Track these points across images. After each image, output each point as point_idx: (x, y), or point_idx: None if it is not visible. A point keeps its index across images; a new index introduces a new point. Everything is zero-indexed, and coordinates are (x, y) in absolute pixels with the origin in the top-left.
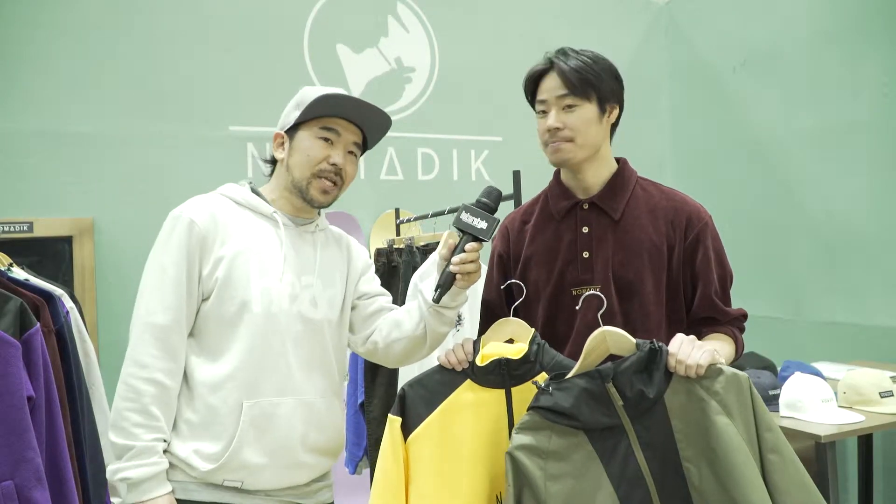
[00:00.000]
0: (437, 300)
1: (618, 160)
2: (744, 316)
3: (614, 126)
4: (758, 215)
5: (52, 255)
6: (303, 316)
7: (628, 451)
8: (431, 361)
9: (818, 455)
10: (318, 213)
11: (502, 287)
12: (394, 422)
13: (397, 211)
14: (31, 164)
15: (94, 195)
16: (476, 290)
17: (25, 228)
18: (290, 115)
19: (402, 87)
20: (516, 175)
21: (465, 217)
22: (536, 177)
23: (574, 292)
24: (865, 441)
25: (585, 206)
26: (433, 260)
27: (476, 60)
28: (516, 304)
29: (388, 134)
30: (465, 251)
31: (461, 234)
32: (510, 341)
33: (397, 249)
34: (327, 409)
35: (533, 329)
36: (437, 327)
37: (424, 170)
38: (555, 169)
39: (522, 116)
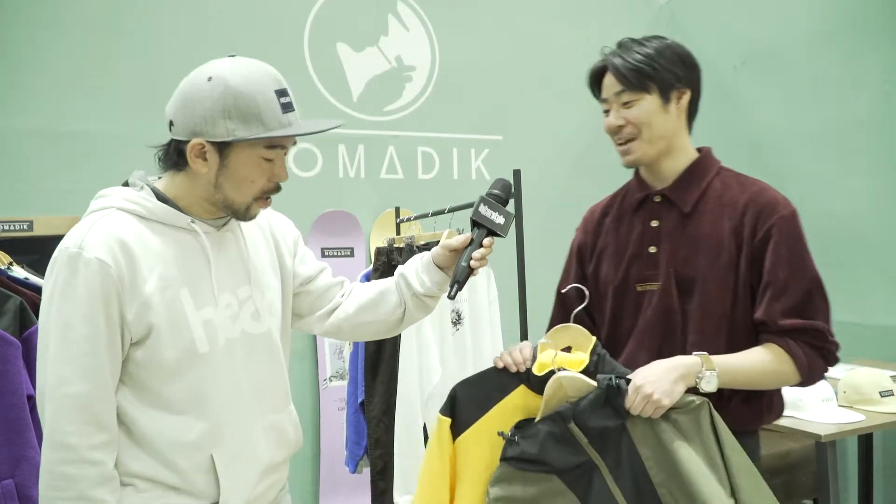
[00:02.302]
0: (452, 296)
1: (700, 150)
2: (814, 329)
3: (693, 112)
4: None
5: (52, 253)
6: (247, 334)
7: (602, 485)
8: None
9: (818, 454)
10: None
11: (567, 289)
12: (443, 422)
13: (397, 210)
14: (30, 163)
15: (93, 194)
16: (476, 289)
17: (25, 227)
18: (217, 124)
19: (403, 85)
20: (516, 174)
21: (484, 210)
22: (536, 176)
23: (638, 289)
24: (866, 440)
25: (657, 199)
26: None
27: (476, 59)
28: (577, 310)
29: (389, 133)
30: (483, 246)
31: (476, 227)
32: (568, 349)
33: (397, 248)
34: (288, 417)
35: (594, 338)
36: (417, 314)
37: (424, 169)
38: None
39: (522, 115)
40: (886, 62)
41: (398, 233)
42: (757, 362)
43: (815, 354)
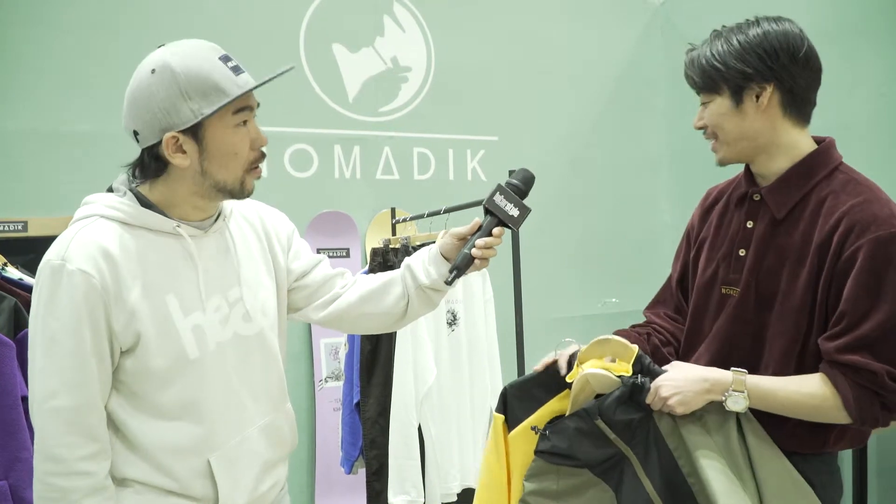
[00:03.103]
0: (450, 282)
1: (819, 143)
2: (868, 371)
3: (798, 102)
4: None
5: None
6: (239, 336)
7: (633, 476)
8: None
9: None
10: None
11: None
12: (497, 419)
13: (393, 210)
14: (25, 163)
15: (86, 194)
16: (471, 290)
17: (20, 228)
18: (180, 110)
19: (399, 86)
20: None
21: (499, 200)
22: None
23: (723, 291)
24: None
25: (756, 198)
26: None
27: (472, 60)
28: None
29: (385, 133)
30: (491, 235)
31: (488, 215)
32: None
33: (393, 249)
34: (284, 416)
35: (635, 347)
36: (420, 308)
37: (420, 169)
38: None
39: (518, 116)
40: (883, 64)
41: (394, 233)
42: (797, 392)
43: (870, 397)
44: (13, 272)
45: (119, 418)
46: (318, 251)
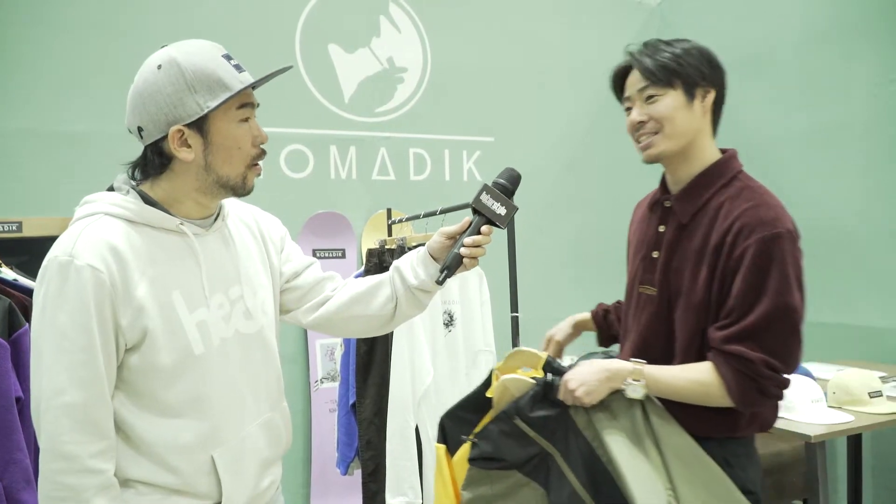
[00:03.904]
0: (441, 282)
1: (723, 153)
2: (746, 360)
3: (717, 114)
4: None
5: (41, 254)
6: (240, 334)
7: (558, 471)
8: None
9: (808, 455)
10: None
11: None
12: (439, 449)
13: (389, 211)
14: (20, 164)
15: (83, 195)
16: (468, 291)
17: (14, 228)
18: (186, 103)
19: (394, 87)
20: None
21: (486, 199)
22: (528, 178)
23: (640, 290)
24: (855, 441)
25: (668, 204)
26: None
27: (468, 61)
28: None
29: (381, 134)
30: (480, 233)
31: (476, 215)
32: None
33: (389, 250)
34: (281, 414)
35: (545, 354)
36: (409, 310)
37: (416, 170)
38: None
39: (514, 117)
40: (876, 64)
41: (390, 234)
42: (687, 380)
43: (749, 384)
44: (8, 273)
45: (121, 417)
46: (314, 252)
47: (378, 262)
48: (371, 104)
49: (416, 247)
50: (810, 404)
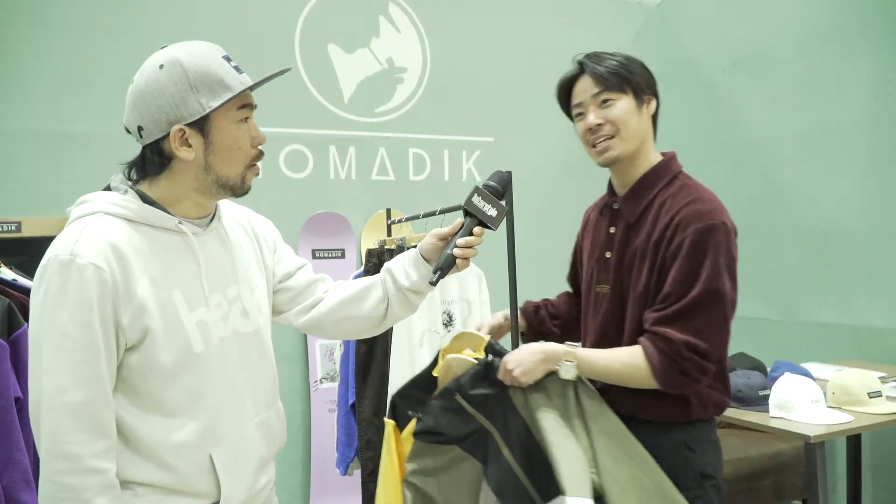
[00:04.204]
0: (434, 283)
1: (664, 155)
2: (669, 340)
3: (655, 122)
4: (747, 216)
5: (41, 255)
6: (238, 333)
7: (496, 448)
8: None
9: (807, 455)
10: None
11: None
12: (388, 425)
13: (388, 211)
14: (19, 164)
15: (83, 195)
16: (467, 291)
17: (13, 228)
18: (188, 103)
19: (394, 87)
20: (507, 176)
21: (477, 201)
22: (528, 177)
23: (596, 290)
24: (854, 441)
25: (616, 206)
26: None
27: (468, 61)
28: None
29: (380, 134)
30: (472, 234)
31: (467, 216)
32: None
33: (388, 250)
34: (276, 413)
35: (487, 337)
36: (400, 311)
37: (416, 170)
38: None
39: (514, 117)
40: (875, 65)
41: (389, 234)
42: (617, 361)
43: (671, 365)
44: (7, 273)
45: (119, 418)
46: (314, 252)
47: (378, 262)
48: (370, 104)
49: (415, 247)
50: (810, 404)
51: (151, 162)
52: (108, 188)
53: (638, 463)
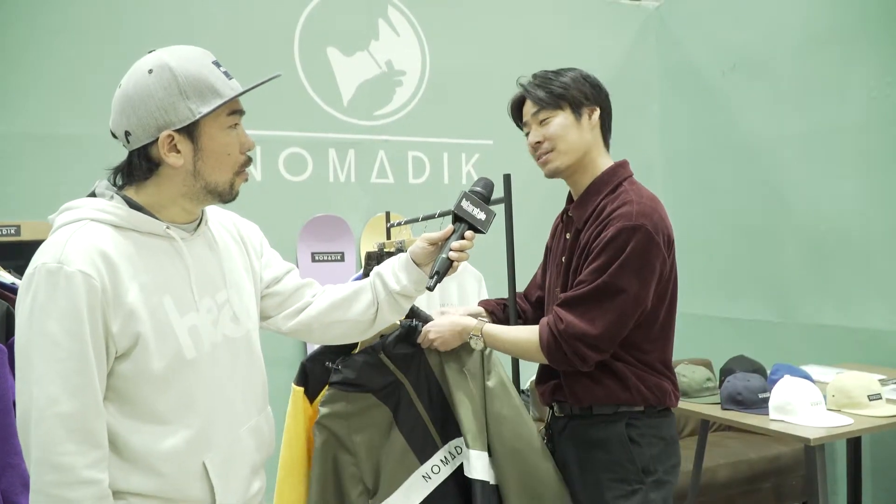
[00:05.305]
0: (431, 288)
1: (616, 162)
2: (558, 320)
3: (606, 129)
4: (747, 218)
5: None
6: (228, 338)
7: (407, 397)
8: None
9: (808, 458)
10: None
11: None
12: (297, 391)
13: (388, 214)
14: (18, 167)
15: (82, 197)
16: (466, 294)
17: (12, 232)
18: (178, 109)
19: (393, 90)
20: (507, 178)
21: (466, 205)
22: (527, 180)
23: (556, 294)
24: (854, 444)
25: (569, 213)
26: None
27: (467, 64)
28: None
29: (379, 137)
30: (464, 238)
31: (458, 222)
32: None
33: (388, 253)
34: (265, 419)
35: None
36: (390, 315)
37: (415, 173)
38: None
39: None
40: (874, 67)
41: (388, 237)
42: (517, 336)
43: (557, 343)
44: (6, 276)
45: (110, 427)
46: (313, 255)
47: (377, 265)
48: (370, 107)
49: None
50: (810, 407)
51: (138, 167)
52: (92, 194)
53: (514, 416)
